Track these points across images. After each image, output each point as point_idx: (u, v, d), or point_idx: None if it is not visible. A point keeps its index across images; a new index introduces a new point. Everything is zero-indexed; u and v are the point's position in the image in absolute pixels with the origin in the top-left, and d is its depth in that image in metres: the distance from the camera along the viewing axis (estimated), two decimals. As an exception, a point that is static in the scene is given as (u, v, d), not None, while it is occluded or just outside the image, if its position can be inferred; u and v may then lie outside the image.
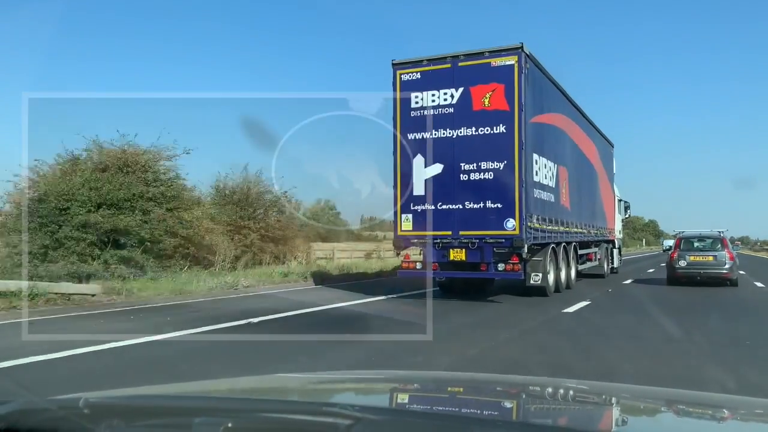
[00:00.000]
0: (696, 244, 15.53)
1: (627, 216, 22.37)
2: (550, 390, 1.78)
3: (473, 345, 6.61)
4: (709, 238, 15.57)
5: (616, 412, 1.54)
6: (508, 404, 1.64)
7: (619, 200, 21.15)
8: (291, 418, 1.14)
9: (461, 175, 10.73)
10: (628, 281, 17.35)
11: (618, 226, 20.67)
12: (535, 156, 11.16)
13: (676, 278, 15.29)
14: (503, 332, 7.58)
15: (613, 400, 1.65)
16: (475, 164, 10.66)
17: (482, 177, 10.61)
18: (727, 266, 14.88)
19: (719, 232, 15.81)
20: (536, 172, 11.20)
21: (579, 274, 15.15)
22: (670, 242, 17.45)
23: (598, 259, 17.16)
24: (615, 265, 19.70)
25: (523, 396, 1.70)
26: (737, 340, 7.33)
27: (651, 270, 23.32)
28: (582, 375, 4.64)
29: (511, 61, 10.46)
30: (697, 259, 15.15)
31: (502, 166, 10.48)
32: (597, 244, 17.20)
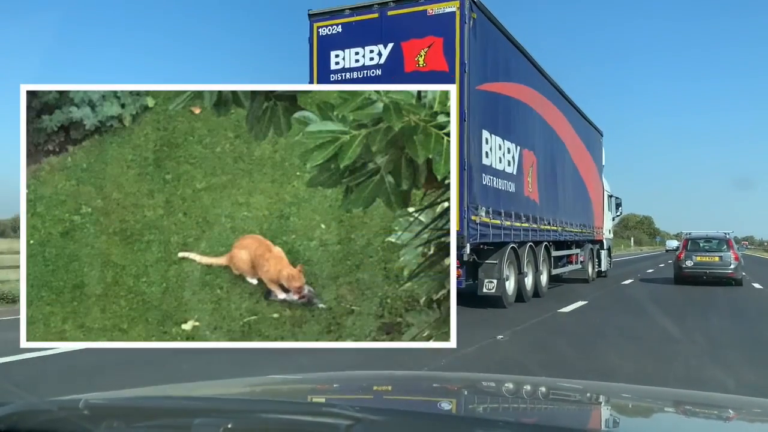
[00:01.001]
0: (702, 245, 16.10)
1: (618, 214, 19.90)
2: (550, 390, 1.78)
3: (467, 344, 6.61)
4: (715, 239, 16.15)
5: (616, 412, 1.54)
6: (508, 404, 1.64)
7: (610, 196, 18.65)
8: (291, 418, 1.15)
9: None
10: (628, 280, 17.22)
11: (607, 224, 18.23)
12: (486, 133, 9.01)
13: (683, 277, 15.87)
14: (495, 332, 7.57)
15: (614, 400, 1.65)
16: None
17: None
18: (732, 266, 15.43)
19: (725, 233, 16.43)
20: (486, 153, 9.03)
21: (557, 278, 13.62)
22: (674, 243, 18.44)
23: (581, 261, 14.88)
24: (603, 268, 17.50)
25: (523, 396, 1.71)
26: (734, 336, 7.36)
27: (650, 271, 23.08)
28: (581, 374, 4.64)
29: (451, 7, 8.31)
30: (704, 259, 15.75)
31: None
32: (580, 244, 14.88)
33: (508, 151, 9.99)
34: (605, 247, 17.69)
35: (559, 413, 1.57)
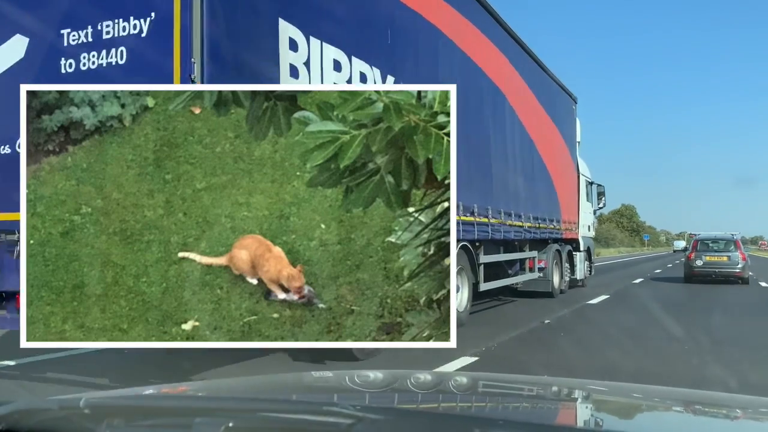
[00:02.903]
0: (711, 246, 17.05)
1: (601, 205, 15.80)
2: (551, 389, 1.78)
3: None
4: (723, 240, 17.17)
5: (617, 411, 1.54)
6: (508, 404, 1.64)
7: (590, 183, 14.63)
8: (292, 417, 1.14)
9: None
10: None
11: (586, 218, 14.27)
12: (288, 28, 4.45)
13: (693, 276, 16.70)
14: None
15: (615, 398, 1.65)
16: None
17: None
18: (739, 266, 16.38)
19: (732, 234, 17.47)
20: (292, 69, 4.54)
21: (510, 291, 10.58)
22: (682, 243, 19.70)
23: (542, 268, 11.00)
24: (578, 276, 13.27)
25: (524, 395, 1.70)
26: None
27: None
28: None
29: None
30: (713, 259, 16.64)
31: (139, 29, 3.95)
32: (538, 244, 10.99)
33: (361, 78, 5.30)
34: (582, 248, 13.56)
35: (560, 412, 1.57)
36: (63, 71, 4.25)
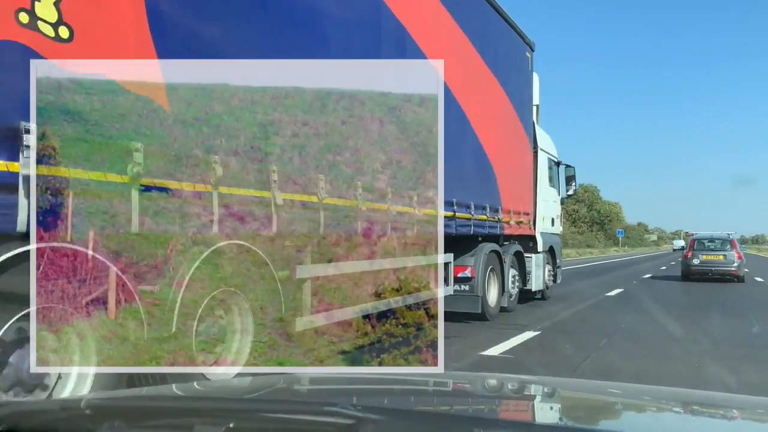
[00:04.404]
0: (708, 245, 17.62)
1: (571, 192, 11.86)
2: (550, 389, 1.78)
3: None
4: (719, 239, 17.75)
5: (616, 411, 1.54)
6: (508, 404, 1.64)
7: (555, 163, 10.91)
8: (292, 418, 1.14)
9: None
10: None
11: (549, 210, 10.55)
12: None
13: (690, 274, 17.18)
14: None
15: (614, 398, 1.65)
16: None
17: None
18: (735, 264, 16.88)
19: (728, 234, 18.10)
20: None
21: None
22: (680, 242, 20.69)
23: (466, 278, 7.46)
24: (534, 286, 9.58)
25: (524, 395, 1.70)
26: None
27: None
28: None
29: None
30: (709, 257, 17.14)
31: None
32: (463, 244, 7.47)
33: None
34: (541, 249, 9.89)
35: (560, 412, 1.58)
36: None
